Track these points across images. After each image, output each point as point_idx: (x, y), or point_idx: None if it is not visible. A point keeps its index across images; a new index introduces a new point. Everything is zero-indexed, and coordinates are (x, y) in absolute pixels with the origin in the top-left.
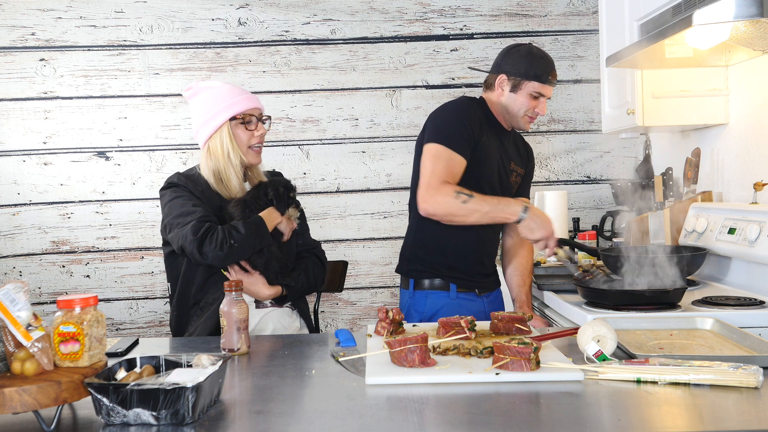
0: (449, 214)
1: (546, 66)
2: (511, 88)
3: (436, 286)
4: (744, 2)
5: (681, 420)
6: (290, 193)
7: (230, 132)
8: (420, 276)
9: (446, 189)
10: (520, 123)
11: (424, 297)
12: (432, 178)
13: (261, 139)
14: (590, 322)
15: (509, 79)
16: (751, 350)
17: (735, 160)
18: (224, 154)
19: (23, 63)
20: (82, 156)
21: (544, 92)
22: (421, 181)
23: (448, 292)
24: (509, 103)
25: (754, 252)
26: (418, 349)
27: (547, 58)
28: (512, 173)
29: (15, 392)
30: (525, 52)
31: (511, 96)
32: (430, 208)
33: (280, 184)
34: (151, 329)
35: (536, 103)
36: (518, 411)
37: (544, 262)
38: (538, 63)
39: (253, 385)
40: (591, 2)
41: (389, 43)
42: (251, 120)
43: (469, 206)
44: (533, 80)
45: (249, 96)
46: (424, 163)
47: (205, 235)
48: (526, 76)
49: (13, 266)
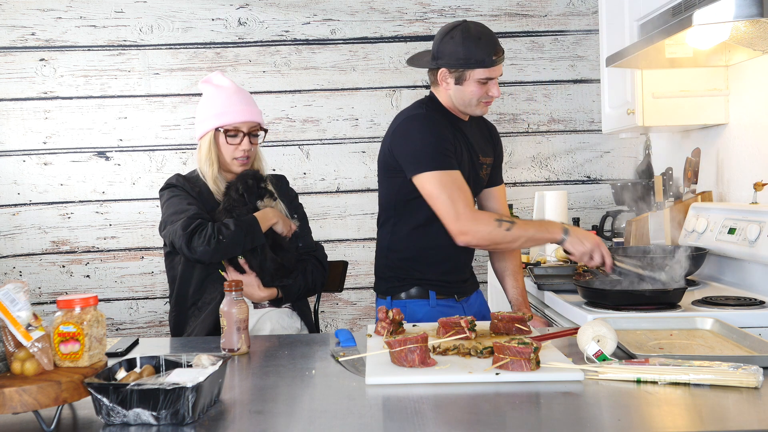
0: (493, 243)
1: (487, 47)
2: (456, 81)
3: (413, 295)
4: (744, 2)
5: (681, 420)
6: (261, 184)
7: (212, 140)
8: (398, 290)
9: (484, 218)
10: (476, 111)
11: (402, 306)
12: (457, 208)
13: (245, 153)
14: (590, 322)
15: (451, 72)
16: (751, 350)
17: (735, 160)
18: (206, 156)
19: (23, 63)
20: (82, 156)
21: (492, 75)
22: (445, 214)
23: (427, 300)
24: (459, 96)
25: (754, 252)
26: (418, 349)
27: (486, 36)
28: (482, 167)
29: (15, 392)
30: (459, 37)
31: (458, 88)
32: (473, 240)
33: (248, 176)
34: (151, 329)
35: (487, 87)
36: (518, 411)
37: (544, 262)
38: (476, 47)
39: (253, 385)
40: (591, 2)
41: (389, 43)
42: (236, 135)
43: (513, 233)
44: (477, 67)
45: (243, 108)
46: (433, 195)
47: (195, 230)
48: (467, 65)
49: (13, 266)
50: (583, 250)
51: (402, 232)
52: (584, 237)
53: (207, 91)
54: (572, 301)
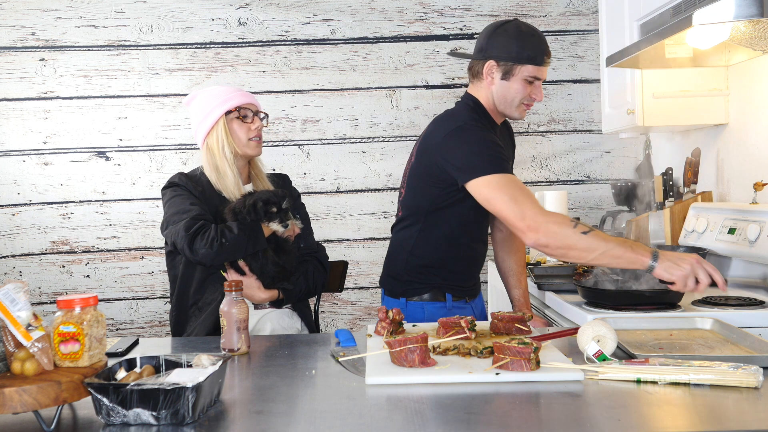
0: (565, 246)
1: (539, 45)
2: (503, 75)
3: (431, 297)
4: (744, 2)
5: (681, 420)
6: (271, 208)
7: (226, 127)
8: (415, 293)
9: (557, 216)
10: (515, 113)
11: (419, 308)
12: (522, 206)
13: (258, 132)
14: (590, 322)
15: (499, 65)
16: (751, 350)
17: (735, 160)
18: (220, 149)
19: (23, 63)
20: (82, 156)
21: (540, 75)
22: (509, 213)
23: (444, 303)
24: (502, 92)
25: (754, 252)
26: (418, 349)
27: (539, 36)
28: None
29: (15, 392)
30: (514, 31)
31: (504, 84)
32: (544, 237)
33: (261, 198)
34: (151, 329)
35: (532, 88)
36: (518, 411)
37: (544, 262)
38: (530, 43)
39: (253, 385)
40: (591, 2)
41: (389, 43)
42: (247, 114)
43: (589, 241)
44: (527, 63)
45: (244, 93)
46: (492, 198)
47: (197, 232)
48: (518, 60)
49: (13, 266)
50: (683, 274)
51: (429, 239)
52: (679, 259)
53: (198, 97)
54: (572, 301)
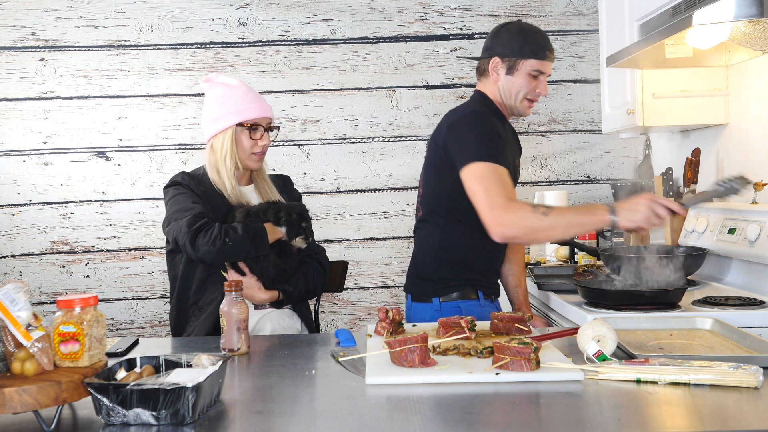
0: (530, 230)
1: (541, 40)
2: (507, 71)
3: (465, 295)
4: (744, 2)
5: (681, 420)
6: (302, 223)
7: (233, 137)
8: (449, 291)
9: (517, 206)
10: (520, 108)
11: (455, 308)
12: (492, 198)
13: (264, 149)
14: (590, 322)
15: (503, 61)
16: (751, 350)
17: (735, 160)
18: (222, 156)
19: (23, 63)
20: (82, 156)
21: (543, 69)
22: (481, 207)
23: (478, 301)
24: (507, 87)
25: (754, 252)
26: (418, 349)
27: (541, 33)
28: (517, 170)
29: (15, 392)
30: (516, 29)
31: (508, 79)
32: (507, 230)
33: (295, 211)
34: (151, 329)
35: (536, 82)
36: (518, 411)
37: (544, 262)
38: (532, 38)
39: (253, 385)
40: (591, 2)
41: (389, 43)
42: (257, 129)
43: (551, 219)
44: (530, 58)
45: (261, 105)
46: (472, 189)
47: (200, 229)
48: (521, 55)
49: (13, 266)
50: (643, 216)
51: (454, 231)
52: (633, 204)
53: (216, 90)
54: (572, 301)
